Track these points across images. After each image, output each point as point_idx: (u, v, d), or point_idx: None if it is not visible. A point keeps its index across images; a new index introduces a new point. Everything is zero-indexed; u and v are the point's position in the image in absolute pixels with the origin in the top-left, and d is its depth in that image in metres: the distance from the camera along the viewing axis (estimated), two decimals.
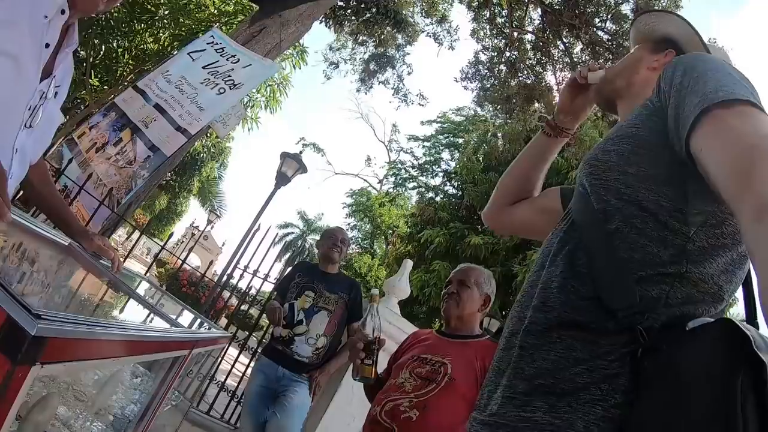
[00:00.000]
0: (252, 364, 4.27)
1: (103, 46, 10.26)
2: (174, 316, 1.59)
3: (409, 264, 4.78)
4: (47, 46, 1.37)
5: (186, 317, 2.09)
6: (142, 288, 2.08)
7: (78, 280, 1.52)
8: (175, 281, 10.10)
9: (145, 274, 3.76)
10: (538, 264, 1.12)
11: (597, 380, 0.89)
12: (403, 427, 2.00)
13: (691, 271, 0.93)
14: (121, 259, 1.72)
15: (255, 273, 5.39)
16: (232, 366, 5.14)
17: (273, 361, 3.43)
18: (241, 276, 5.33)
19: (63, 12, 1.38)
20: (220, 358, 4.79)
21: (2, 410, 0.48)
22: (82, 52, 10.47)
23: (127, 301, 1.52)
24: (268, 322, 3.81)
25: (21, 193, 2.22)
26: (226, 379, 5.02)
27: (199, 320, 2.22)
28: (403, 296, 4.52)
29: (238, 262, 5.67)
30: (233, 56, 4.60)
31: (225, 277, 5.97)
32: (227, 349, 5.00)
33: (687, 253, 0.93)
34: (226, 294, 6.53)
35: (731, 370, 0.76)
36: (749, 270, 0.99)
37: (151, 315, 1.38)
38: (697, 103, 0.92)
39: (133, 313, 1.54)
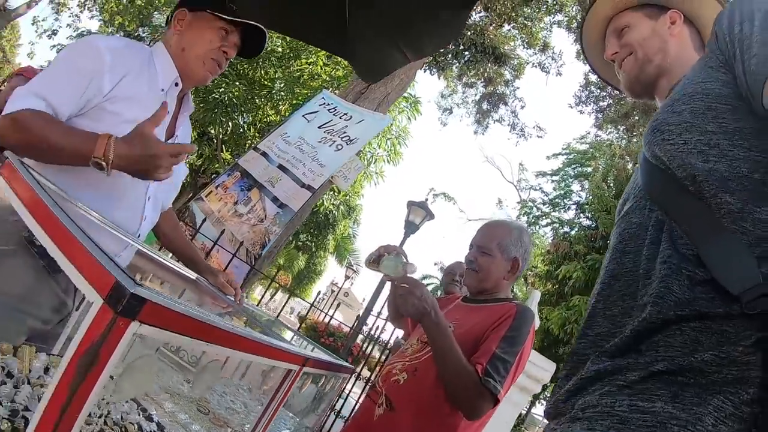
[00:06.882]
0: None
1: (230, 123, 11.35)
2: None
3: (536, 294, 4.72)
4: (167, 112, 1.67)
5: (308, 349, 2.24)
6: (268, 323, 2.28)
7: (200, 301, 1.73)
8: (313, 332, 10.57)
9: None
10: (618, 251, 1.01)
11: (729, 370, 0.77)
12: (390, 391, 1.92)
13: None
14: (244, 296, 1.93)
15: (388, 318, 5.55)
16: None
17: None
18: (375, 323, 5.49)
19: (177, 84, 1.67)
20: (345, 394, 4.86)
21: (104, 353, 0.61)
22: (212, 131, 11.70)
23: (251, 324, 1.71)
24: None
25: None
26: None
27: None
28: None
29: (371, 309, 5.88)
30: (345, 114, 4.93)
31: (359, 324, 6.19)
32: (345, 383, 5.11)
33: None
34: (365, 345, 6.73)
35: None
36: None
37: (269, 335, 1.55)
38: (765, 56, 0.86)
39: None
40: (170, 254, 2.02)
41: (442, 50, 10.40)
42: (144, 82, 1.56)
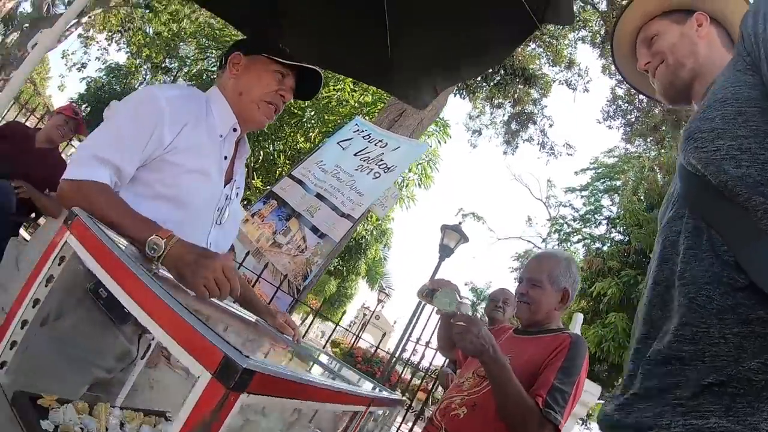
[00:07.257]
0: None
1: (261, 152, 11.52)
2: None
3: (579, 317, 4.63)
4: (225, 158, 1.66)
5: (361, 383, 2.24)
6: (322, 358, 2.28)
7: (266, 347, 1.73)
8: (350, 358, 10.52)
9: None
10: (660, 259, 1.02)
11: None
12: (450, 425, 1.96)
13: None
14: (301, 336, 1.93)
15: (427, 344, 5.51)
16: None
17: None
18: (414, 349, 5.46)
19: (235, 130, 1.68)
20: (394, 427, 4.85)
21: (214, 428, 0.62)
22: None
23: (310, 365, 1.71)
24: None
25: None
26: None
27: (373, 385, 2.36)
28: None
29: (410, 335, 5.84)
30: (380, 141, 4.94)
31: (398, 350, 6.16)
32: (396, 415, 5.09)
33: None
34: (403, 370, 6.71)
35: None
36: None
37: (332, 376, 1.55)
38: None
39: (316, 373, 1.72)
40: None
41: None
42: (203, 130, 1.56)
